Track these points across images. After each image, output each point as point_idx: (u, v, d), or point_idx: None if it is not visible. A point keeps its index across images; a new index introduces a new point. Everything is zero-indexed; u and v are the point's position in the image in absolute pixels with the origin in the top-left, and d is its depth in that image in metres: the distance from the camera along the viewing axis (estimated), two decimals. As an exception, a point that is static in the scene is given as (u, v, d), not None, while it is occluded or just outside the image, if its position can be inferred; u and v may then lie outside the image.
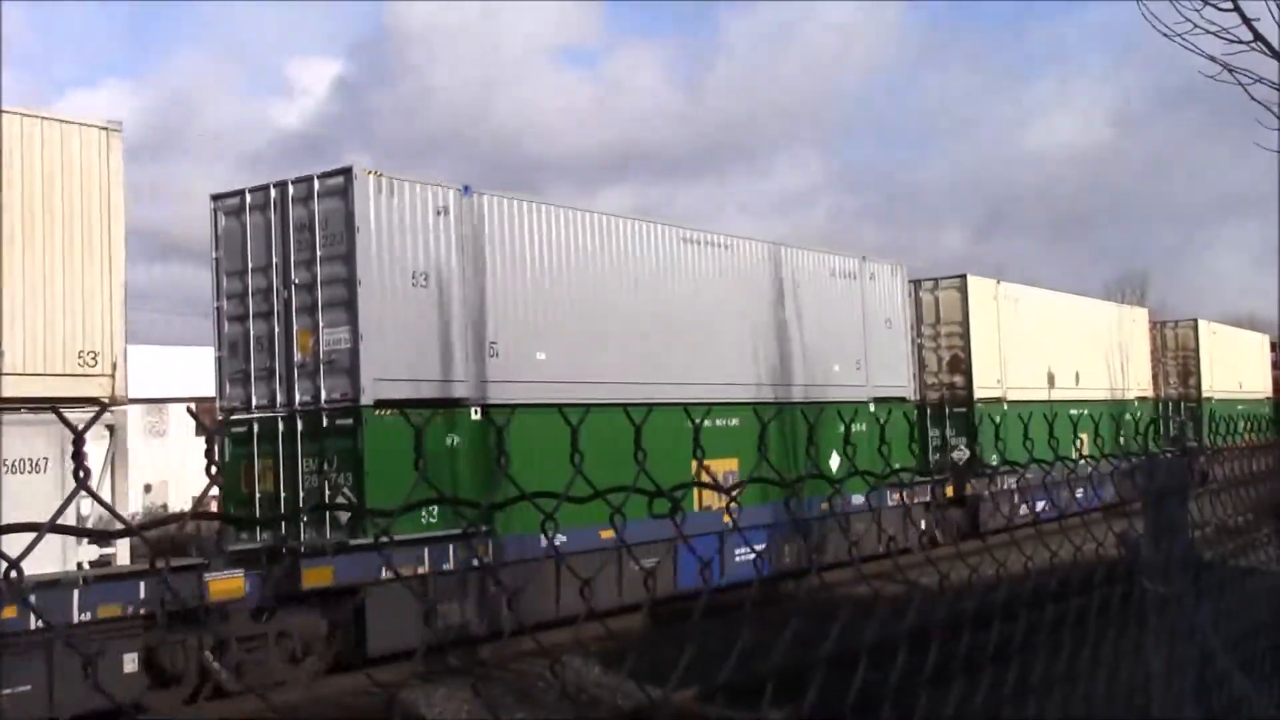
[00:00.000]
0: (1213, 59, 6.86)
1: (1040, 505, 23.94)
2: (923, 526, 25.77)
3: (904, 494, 24.26)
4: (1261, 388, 51.07)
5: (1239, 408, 39.76)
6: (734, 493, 2.75)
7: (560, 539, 12.35)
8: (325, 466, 15.94)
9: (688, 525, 2.43)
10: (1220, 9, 6.74)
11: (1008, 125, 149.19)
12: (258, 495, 16.21)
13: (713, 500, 17.72)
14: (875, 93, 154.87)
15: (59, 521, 1.69)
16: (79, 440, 1.66)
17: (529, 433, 14.20)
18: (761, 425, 4.25)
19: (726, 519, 13.21)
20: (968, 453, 28.76)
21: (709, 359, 21.22)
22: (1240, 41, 6.79)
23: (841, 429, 22.31)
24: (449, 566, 16.25)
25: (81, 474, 1.65)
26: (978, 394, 29.24)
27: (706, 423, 18.99)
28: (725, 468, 19.70)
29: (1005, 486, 24.89)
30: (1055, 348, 33.20)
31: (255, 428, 16.48)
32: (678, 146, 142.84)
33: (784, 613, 16.66)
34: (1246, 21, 6.74)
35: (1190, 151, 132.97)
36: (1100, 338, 36.66)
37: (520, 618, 13.80)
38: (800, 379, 23.05)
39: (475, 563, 16.02)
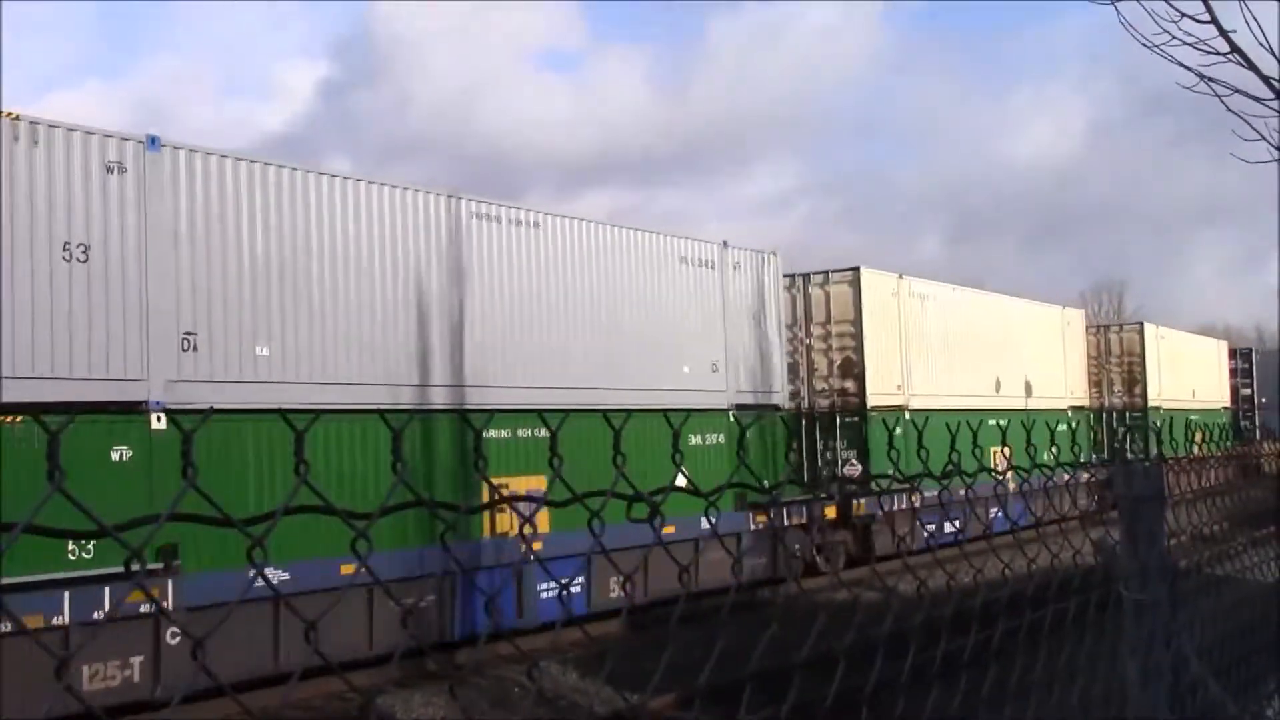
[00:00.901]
0: (1190, 70, 7.01)
1: (948, 526, 22.23)
2: (796, 552, 23.29)
3: (772, 514, 21.93)
4: (1218, 397, 49.42)
5: (1192, 417, 38.14)
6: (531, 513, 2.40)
7: (279, 576, 12.76)
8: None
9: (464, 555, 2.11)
10: (1198, 21, 6.90)
11: (986, 132, 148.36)
12: None
13: (510, 526, 16.32)
14: (854, 99, 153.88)
15: None
16: None
17: (240, 443, 13.37)
18: (552, 433, 2.50)
19: (537, 545, 10.54)
20: (859, 467, 25.81)
21: (509, 357, 18.05)
22: (1217, 53, 6.97)
23: (697, 439, 20.72)
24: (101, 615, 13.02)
25: None
26: (872, 401, 26.12)
27: (522, 432, 17.83)
28: (529, 485, 17.23)
29: (901, 506, 23.64)
30: (974, 352, 30.59)
31: None
32: (659, 151, 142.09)
33: (763, 619, 17.21)
34: (1224, 33, 6.89)
35: (1167, 161, 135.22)
36: (1029, 341, 34.10)
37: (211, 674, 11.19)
38: (635, 381, 19.62)
39: (146, 608, 13.15)
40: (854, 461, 25.88)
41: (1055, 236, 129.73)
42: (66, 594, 12.90)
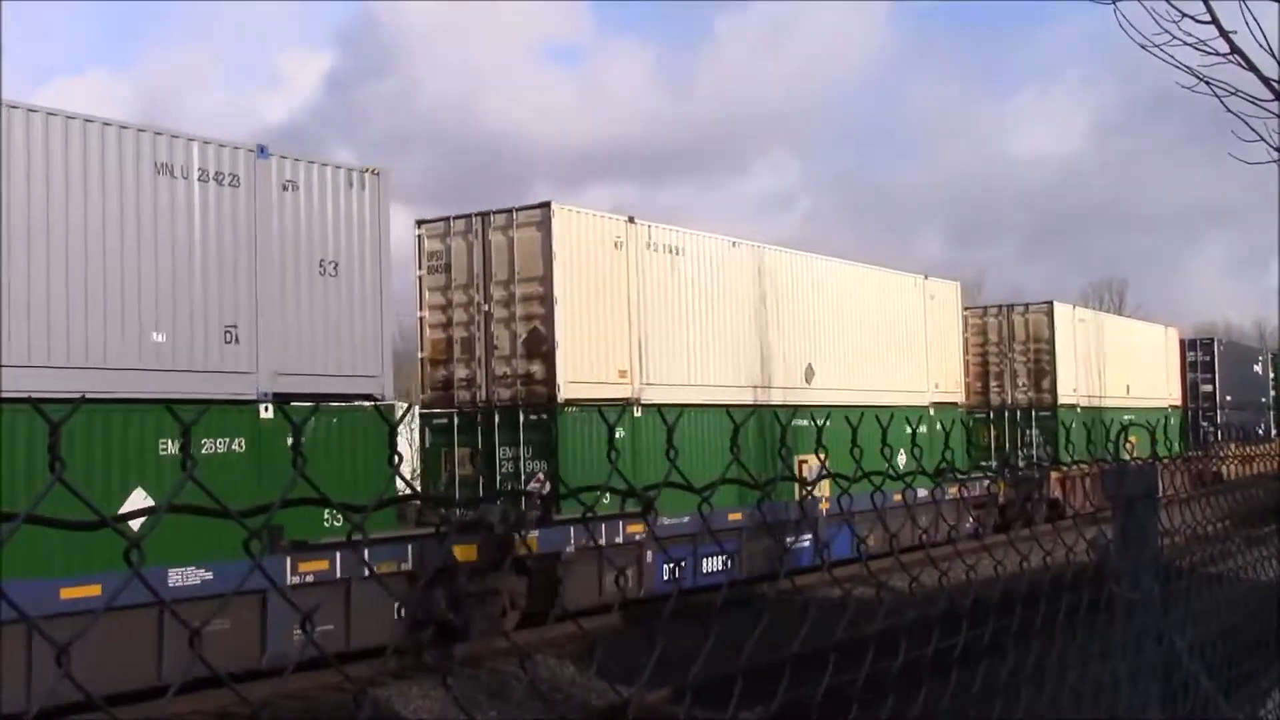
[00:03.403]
0: (1190, 71, 7.11)
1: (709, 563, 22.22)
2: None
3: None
4: (1164, 394, 44.22)
5: (1126, 418, 34.84)
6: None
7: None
8: None
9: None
10: (1198, 21, 7.00)
11: (989, 131, 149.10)
12: None
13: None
14: (859, 98, 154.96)
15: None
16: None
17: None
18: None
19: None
20: (546, 485, 20.27)
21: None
22: (1217, 53, 7.07)
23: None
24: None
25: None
26: (568, 392, 20.22)
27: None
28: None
29: (618, 539, 20.76)
30: (750, 327, 25.25)
31: None
32: (663, 146, 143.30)
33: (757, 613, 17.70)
34: (1224, 34, 7.01)
35: (1168, 161, 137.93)
36: (867, 319, 28.28)
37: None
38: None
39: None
40: (541, 475, 20.27)
41: (1057, 236, 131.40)
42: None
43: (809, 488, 3.80)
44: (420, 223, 20.95)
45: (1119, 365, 40.16)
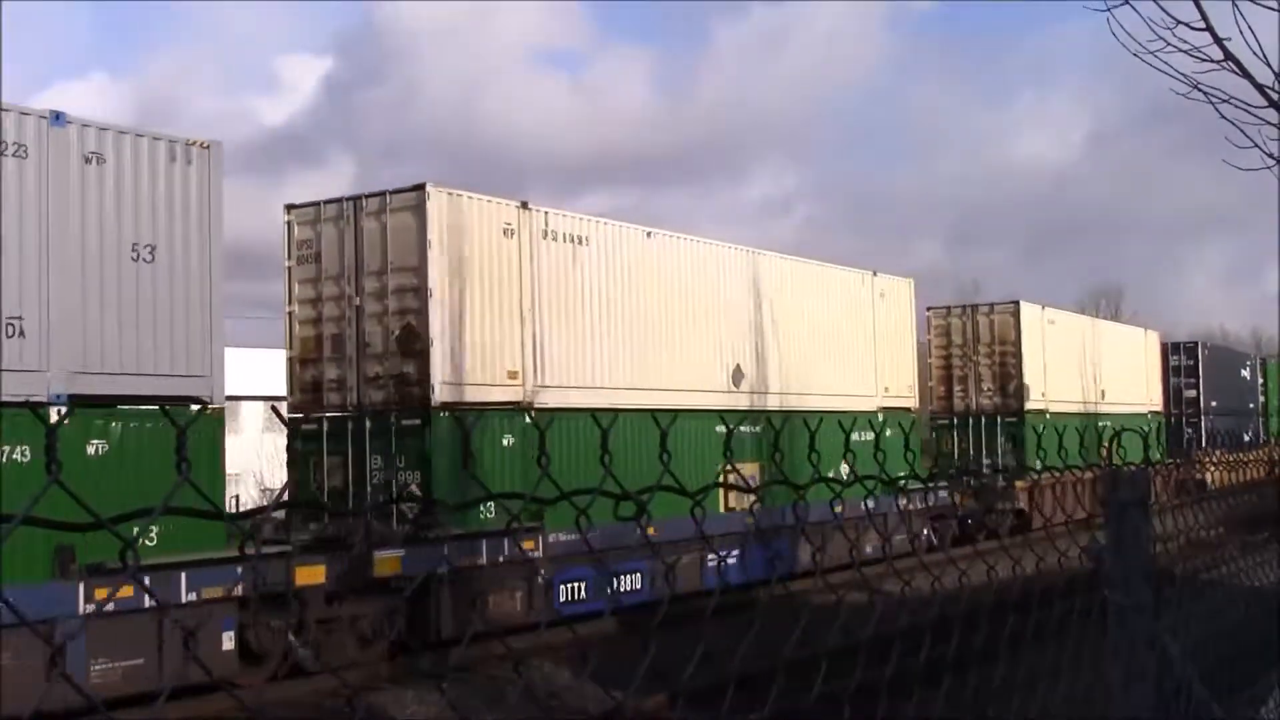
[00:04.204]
0: (1184, 78, 7.36)
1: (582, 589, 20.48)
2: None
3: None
4: (1144, 399, 43.03)
5: (1102, 424, 33.99)
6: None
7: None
8: None
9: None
10: (1193, 28, 7.24)
11: (987, 137, 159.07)
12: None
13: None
14: (857, 103, 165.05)
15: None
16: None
17: None
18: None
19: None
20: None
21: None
22: (1211, 60, 7.27)
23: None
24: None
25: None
26: (444, 394, 18.71)
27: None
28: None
29: (503, 557, 18.94)
30: (688, 325, 23.68)
31: None
32: (661, 152, 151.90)
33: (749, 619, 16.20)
34: (1218, 41, 7.22)
35: (1164, 168, 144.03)
36: (805, 316, 26.97)
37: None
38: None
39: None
40: (415, 486, 18.78)
41: (1055, 243, 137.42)
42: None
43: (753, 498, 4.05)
44: (289, 208, 19.73)
45: (1094, 369, 38.76)
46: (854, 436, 27.08)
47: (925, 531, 29.32)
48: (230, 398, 15.96)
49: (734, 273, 24.88)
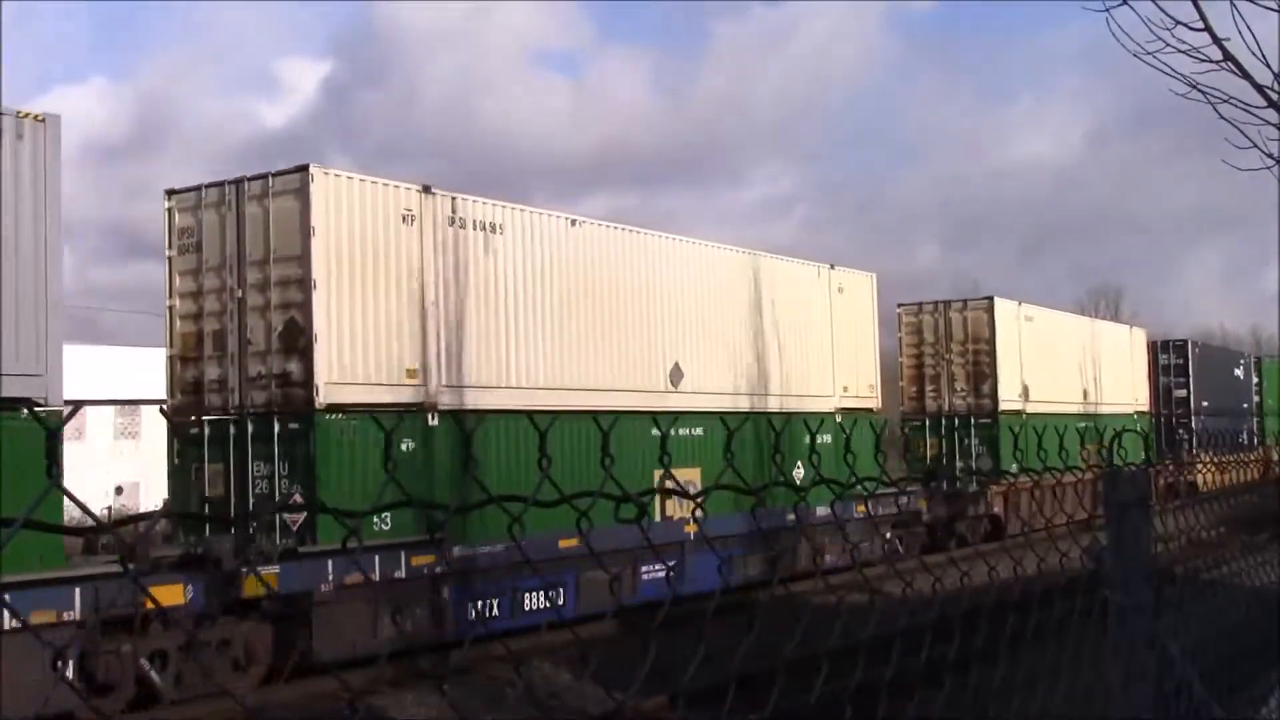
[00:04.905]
0: (1183, 78, 7.46)
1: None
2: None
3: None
4: (1129, 398, 41.69)
5: (1081, 425, 32.49)
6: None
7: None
8: None
9: None
10: (1191, 28, 7.35)
11: (986, 137, 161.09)
12: None
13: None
14: (856, 103, 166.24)
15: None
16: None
17: None
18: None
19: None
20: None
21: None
22: (1210, 61, 7.36)
23: None
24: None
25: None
26: (329, 395, 17.24)
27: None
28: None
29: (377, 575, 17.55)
30: (621, 321, 22.15)
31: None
32: (660, 152, 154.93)
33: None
34: (1217, 41, 7.32)
35: (1164, 168, 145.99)
36: (751, 314, 25.27)
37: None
38: None
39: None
40: (298, 496, 17.52)
41: (1054, 243, 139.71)
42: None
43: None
44: (170, 193, 18.62)
45: (1075, 368, 37.22)
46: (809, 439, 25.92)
47: (890, 538, 27.93)
48: (74, 402, 14.41)
49: (673, 265, 23.75)
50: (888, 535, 28.83)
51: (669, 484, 3.10)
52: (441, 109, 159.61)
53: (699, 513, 3.01)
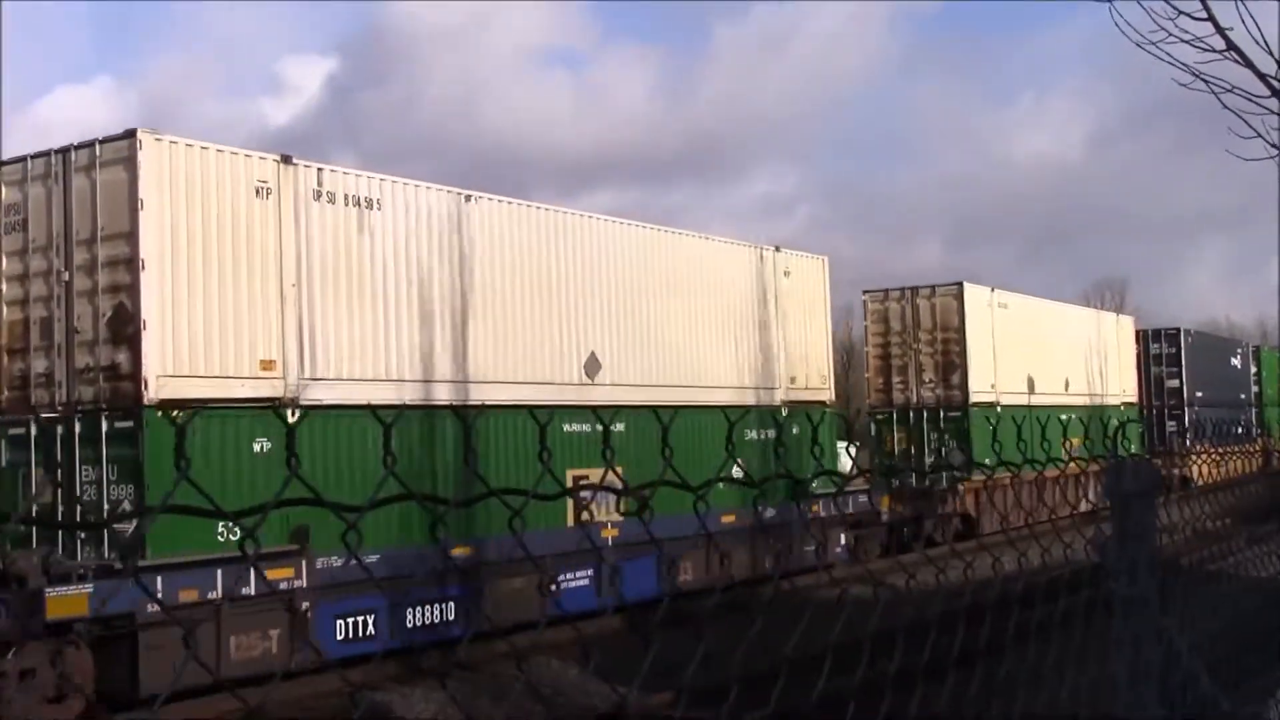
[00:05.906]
0: (1186, 68, 7.54)
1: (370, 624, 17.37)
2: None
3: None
4: (1116, 390, 40.20)
5: (1063, 417, 31.02)
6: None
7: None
8: None
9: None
10: (1194, 18, 7.41)
11: (991, 135, 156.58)
12: None
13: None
14: (860, 102, 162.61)
15: None
16: None
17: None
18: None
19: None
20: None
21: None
22: (1213, 50, 7.44)
23: None
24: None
25: None
26: (162, 390, 15.17)
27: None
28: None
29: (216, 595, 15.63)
30: (525, 308, 20.17)
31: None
32: (664, 151, 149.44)
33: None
34: (1220, 30, 7.39)
35: (1168, 162, 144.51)
36: (680, 301, 23.43)
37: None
38: None
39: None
40: (127, 503, 15.46)
41: (1059, 239, 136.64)
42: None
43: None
44: None
45: (1055, 358, 35.71)
46: (753, 435, 24.13)
47: (843, 541, 26.09)
48: None
49: (589, 247, 21.72)
50: (841, 539, 27.22)
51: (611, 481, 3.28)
52: (445, 107, 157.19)
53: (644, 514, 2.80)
